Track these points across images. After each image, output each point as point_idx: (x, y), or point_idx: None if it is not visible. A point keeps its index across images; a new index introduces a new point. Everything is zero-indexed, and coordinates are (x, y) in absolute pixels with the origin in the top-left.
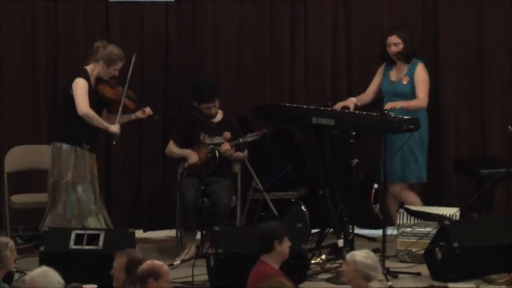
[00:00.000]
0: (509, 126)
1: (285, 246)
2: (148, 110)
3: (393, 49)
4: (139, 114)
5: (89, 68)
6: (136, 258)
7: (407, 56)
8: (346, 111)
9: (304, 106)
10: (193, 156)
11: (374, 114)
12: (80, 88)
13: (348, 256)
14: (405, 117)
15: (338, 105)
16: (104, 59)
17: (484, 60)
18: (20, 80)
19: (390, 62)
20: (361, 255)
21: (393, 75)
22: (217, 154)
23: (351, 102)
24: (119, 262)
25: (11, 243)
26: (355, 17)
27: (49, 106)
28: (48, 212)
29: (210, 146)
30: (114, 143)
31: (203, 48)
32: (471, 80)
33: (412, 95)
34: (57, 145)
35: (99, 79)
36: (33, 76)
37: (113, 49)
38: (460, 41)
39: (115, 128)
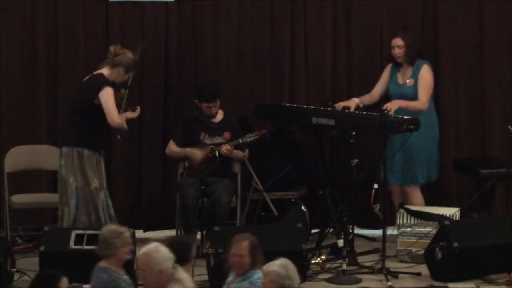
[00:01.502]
0: (509, 126)
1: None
2: (138, 109)
3: (396, 51)
4: (128, 114)
5: (105, 72)
6: (254, 240)
7: (411, 59)
8: (347, 111)
9: (304, 106)
10: (197, 153)
11: (374, 114)
12: (111, 98)
13: (264, 267)
14: (405, 117)
15: (339, 105)
16: (124, 65)
17: (484, 60)
18: (20, 79)
19: (397, 63)
20: (274, 264)
21: (400, 78)
22: (217, 154)
23: (353, 102)
24: (242, 247)
25: (127, 234)
26: (355, 17)
27: (49, 106)
28: (75, 218)
29: (210, 146)
30: (119, 137)
31: (203, 48)
32: (471, 80)
33: (417, 97)
34: (77, 150)
35: (112, 84)
36: (33, 76)
37: (130, 55)
38: (460, 41)
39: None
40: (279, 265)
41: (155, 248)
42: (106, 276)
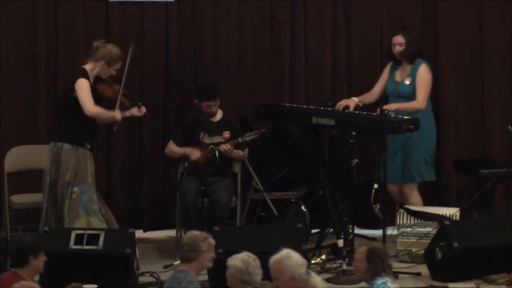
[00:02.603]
0: (509, 126)
1: (40, 261)
2: (143, 107)
3: (397, 49)
4: (134, 111)
5: (88, 67)
6: (376, 248)
7: (411, 57)
8: (347, 111)
9: (304, 106)
10: (195, 153)
11: (374, 114)
12: (84, 88)
13: (228, 259)
14: (405, 117)
15: (340, 104)
16: (105, 59)
17: (484, 60)
18: (20, 79)
19: (396, 62)
20: (237, 258)
21: (398, 76)
22: (217, 154)
23: (353, 102)
24: (359, 252)
25: (211, 240)
26: (355, 17)
27: (49, 106)
28: (46, 211)
29: (210, 146)
30: (115, 129)
31: (203, 48)
32: (471, 80)
33: (415, 96)
34: (57, 145)
35: (97, 78)
36: (33, 76)
37: (113, 49)
38: (460, 41)
39: (118, 114)
40: (241, 259)
41: (287, 254)
42: (183, 276)
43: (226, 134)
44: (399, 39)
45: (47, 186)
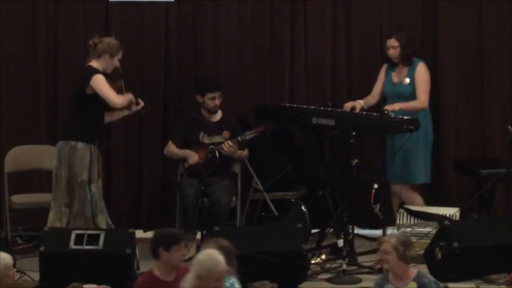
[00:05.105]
0: (509, 126)
1: (173, 254)
2: (141, 101)
3: (391, 52)
4: (134, 108)
5: (93, 65)
6: (222, 246)
7: (407, 58)
8: (347, 111)
9: (304, 106)
10: (193, 157)
11: (374, 114)
12: (103, 83)
13: None
14: (405, 117)
15: (347, 106)
16: (107, 51)
17: (484, 60)
18: (20, 79)
19: (392, 63)
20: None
21: (395, 77)
22: (217, 154)
23: (359, 104)
24: (206, 247)
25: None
26: (355, 17)
27: (49, 106)
28: (58, 209)
29: (210, 147)
30: (144, 112)
31: (203, 48)
32: (471, 80)
33: (414, 96)
34: (71, 144)
35: (104, 75)
36: (33, 76)
37: (112, 40)
38: (460, 41)
39: (129, 94)
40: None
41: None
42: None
43: (226, 134)
44: (392, 42)
45: (64, 185)
